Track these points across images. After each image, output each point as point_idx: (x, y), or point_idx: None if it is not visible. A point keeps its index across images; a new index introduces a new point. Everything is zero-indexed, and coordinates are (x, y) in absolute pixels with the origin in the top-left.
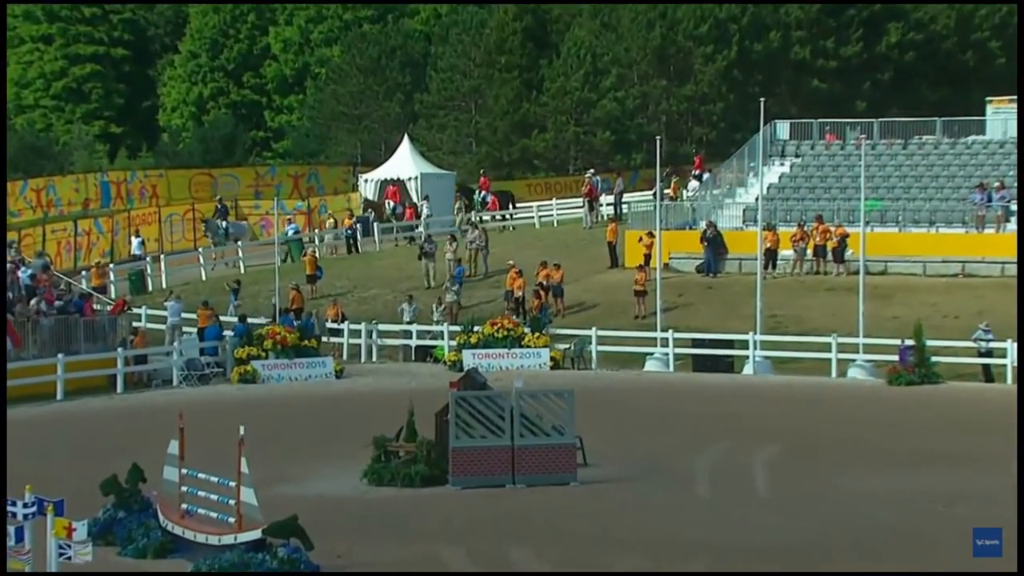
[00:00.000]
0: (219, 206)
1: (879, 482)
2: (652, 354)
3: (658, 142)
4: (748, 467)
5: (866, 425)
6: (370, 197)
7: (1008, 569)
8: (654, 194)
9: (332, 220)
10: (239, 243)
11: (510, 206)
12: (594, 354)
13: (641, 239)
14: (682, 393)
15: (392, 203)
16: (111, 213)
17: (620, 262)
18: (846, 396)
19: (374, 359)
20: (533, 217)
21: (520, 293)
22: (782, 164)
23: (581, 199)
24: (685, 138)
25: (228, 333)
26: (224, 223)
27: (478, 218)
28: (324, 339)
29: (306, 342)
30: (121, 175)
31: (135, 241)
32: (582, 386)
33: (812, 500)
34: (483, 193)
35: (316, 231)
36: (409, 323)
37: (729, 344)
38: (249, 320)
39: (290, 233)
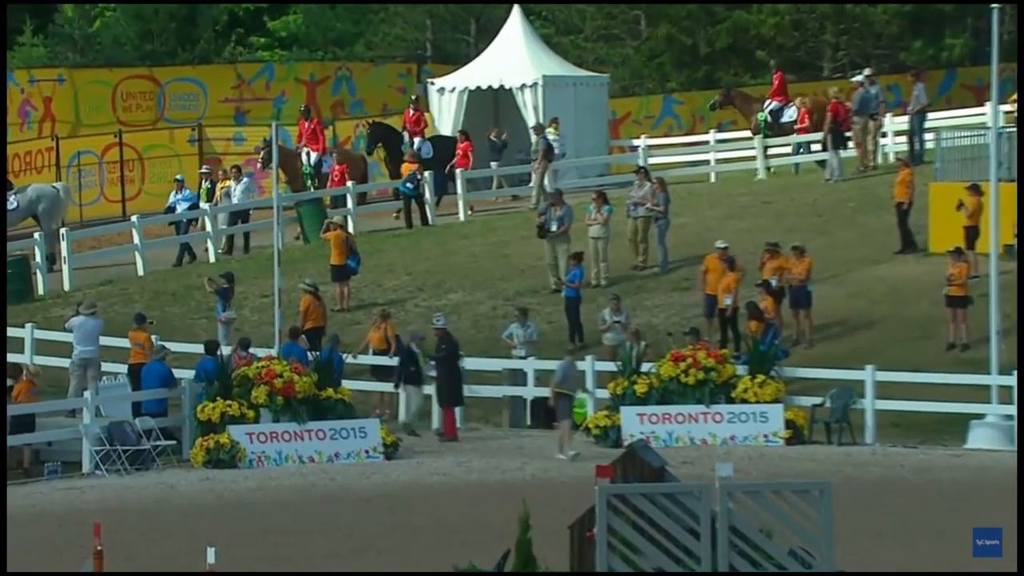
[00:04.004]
0: None
1: None
2: (983, 417)
3: (994, 15)
4: None
5: None
6: (447, 117)
7: (1008, 569)
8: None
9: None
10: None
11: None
12: (869, 417)
13: (961, 204)
14: None
15: (312, 152)
16: None
17: (920, 243)
18: None
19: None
20: (756, 159)
21: (730, 301)
22: None
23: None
24: None
25: (185, 374)
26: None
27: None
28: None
29: (330, 391)
30: None
31: None
32: (846, 476)
33: None
34: (416, 140)
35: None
36: (524, 357)
37: None
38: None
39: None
